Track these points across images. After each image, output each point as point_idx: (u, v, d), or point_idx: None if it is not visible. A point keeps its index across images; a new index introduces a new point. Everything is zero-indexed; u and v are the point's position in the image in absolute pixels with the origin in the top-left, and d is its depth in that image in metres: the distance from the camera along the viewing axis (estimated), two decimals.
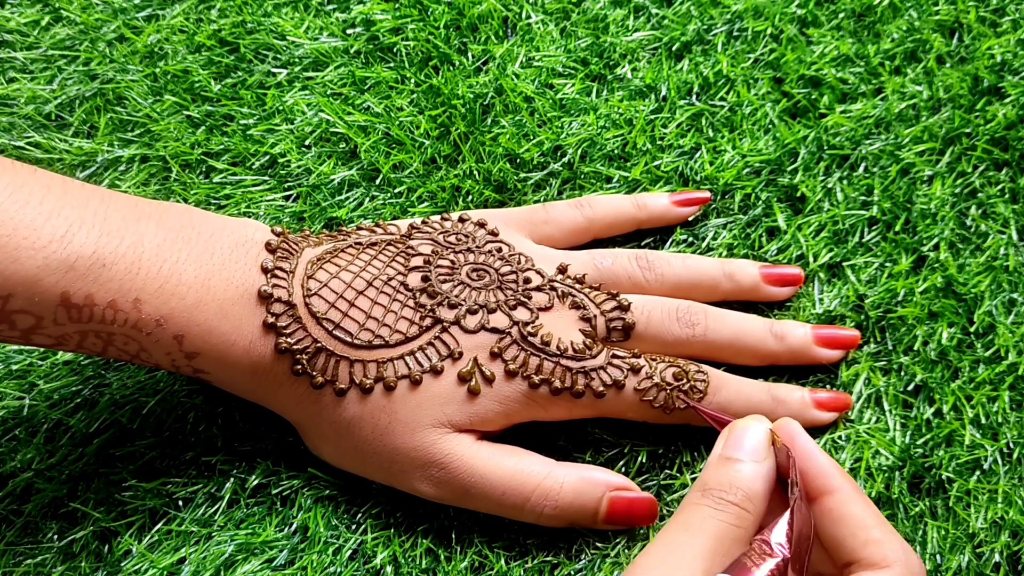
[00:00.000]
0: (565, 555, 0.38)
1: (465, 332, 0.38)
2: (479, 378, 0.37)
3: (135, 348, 0.35)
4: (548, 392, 0.38)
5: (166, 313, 0.35)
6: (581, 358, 0.38)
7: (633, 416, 0.39)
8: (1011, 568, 0.38)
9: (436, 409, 0.37)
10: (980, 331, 0.42)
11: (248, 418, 0.41)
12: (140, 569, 0.37)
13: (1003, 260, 0.44)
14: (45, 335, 0.34)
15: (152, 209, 0.36)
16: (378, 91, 0.47)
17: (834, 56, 0.48)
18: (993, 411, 0.41)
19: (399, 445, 0.37)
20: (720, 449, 0.33)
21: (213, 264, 0.36)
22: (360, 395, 0.37)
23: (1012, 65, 0.48)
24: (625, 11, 0.50)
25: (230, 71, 0.48)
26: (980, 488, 0.39)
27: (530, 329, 0.38)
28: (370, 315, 0.37)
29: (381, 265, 0.38)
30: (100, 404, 0.41)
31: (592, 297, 0.40)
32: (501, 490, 0.37)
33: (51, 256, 0.33)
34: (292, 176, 0.45)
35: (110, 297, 0.34)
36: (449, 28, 0.49)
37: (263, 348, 0.36)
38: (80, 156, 0.46)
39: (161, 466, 0.40)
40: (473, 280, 0.39)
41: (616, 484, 0.38)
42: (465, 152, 0.46)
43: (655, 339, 0.40)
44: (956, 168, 0.46)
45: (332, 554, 0.38)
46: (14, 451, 0.40)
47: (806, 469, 0.32)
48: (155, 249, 0.35)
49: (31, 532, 0.39)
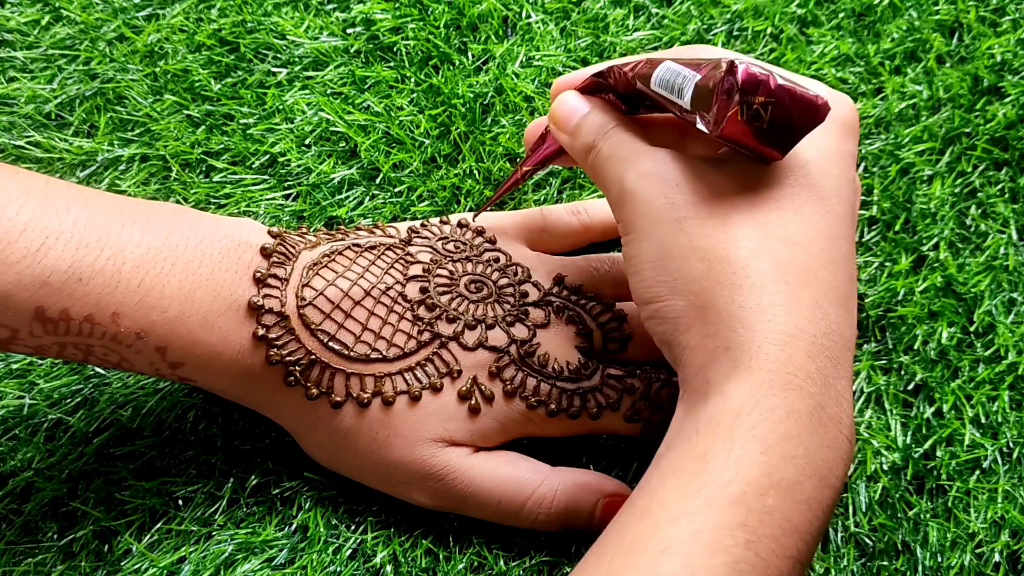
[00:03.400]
0: (564, 555, 0.38)
1: (464, 349, 0.38)
2: (479, 397, 0.37)
3: (116, 358, 0.35)
4: (544, 413, 0.38)
5: (146, 326, 0.34)
6: (577, 379, 0.38)
7: (628, 433, 0.40)
8: (1011, 568, 0.38)
9: (437, 425, 0.37)
10: (980, 331, 0.42)
11: (248, 418, 0.41)
12: (140, 568, 0.37)
13: (1003, 260, 0.44)
14: (23, 345, 0.34)
15: (139, 213, 0.35)
16: (378, 90, 0.47)
17: (834, 56, 0.48)
18: (993, 410, 0.41)
19: (397, 458, 0.37)
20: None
21: (200, 273, 0.35)
22: (357, 408, 0.37)
23: (1012, 65, 0.48)
24: (625, 11, 0.50)
25: (230, 70, 0.48)
26: (980, 488, 0.39)
27: (528, 349, 0.38)
28: (367, 327, 0.37)
29: (379, 272, 0.38)
30: (100, 403, 0.41)
31: (589, 310, 0.40)
32: (497, 499, 0.37)
33: (24, 272, 0.32)
34: (292, 175, 0.45)
35: (86, 312, 0.33)
36: (449, 27, 0.49)
37: (253, 359, 0.36)
38: (80, 155, 0.46)
39: (161, 465, 0.40)
40: (471, 293, 0.39)
41: (610, 490, 0.38)
42: (465, 151, 0.46)
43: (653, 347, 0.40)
44: (956, 168, 0.46)
45: (332, 553, 0.38)
46: (14, 450, 0.40)
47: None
48: (137, 260, 0.34)
49: (31, 531, 0.39)
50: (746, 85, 0.29)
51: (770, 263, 0.31)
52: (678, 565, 0.27)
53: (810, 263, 0.32)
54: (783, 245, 0.32)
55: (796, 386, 0.30)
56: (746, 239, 0.32)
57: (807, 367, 0.30)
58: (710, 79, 0.30)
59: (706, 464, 0.29)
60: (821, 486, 0.29)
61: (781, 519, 0.28)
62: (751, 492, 0.28)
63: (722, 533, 0.28)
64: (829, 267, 0.32)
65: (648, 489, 0.30)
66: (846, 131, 0.35)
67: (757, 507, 0.28)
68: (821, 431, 0.30)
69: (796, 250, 0.32)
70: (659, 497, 0.29)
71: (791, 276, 0.31)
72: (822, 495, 0.29)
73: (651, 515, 0.29)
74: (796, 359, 0.30)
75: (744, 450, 0.29)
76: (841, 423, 0.30)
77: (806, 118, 0.30)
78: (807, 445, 0.29)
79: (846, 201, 0.33)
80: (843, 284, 0.32)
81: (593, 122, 0.36)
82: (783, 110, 0.30)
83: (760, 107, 0.29)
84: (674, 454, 0.30)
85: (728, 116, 0.30)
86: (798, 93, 0.30)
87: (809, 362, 0.30)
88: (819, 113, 0.30)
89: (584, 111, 0.36)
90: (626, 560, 0.28)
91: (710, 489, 0.28)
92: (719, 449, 0.29)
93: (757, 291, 0.31)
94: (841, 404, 0.31)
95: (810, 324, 0.31)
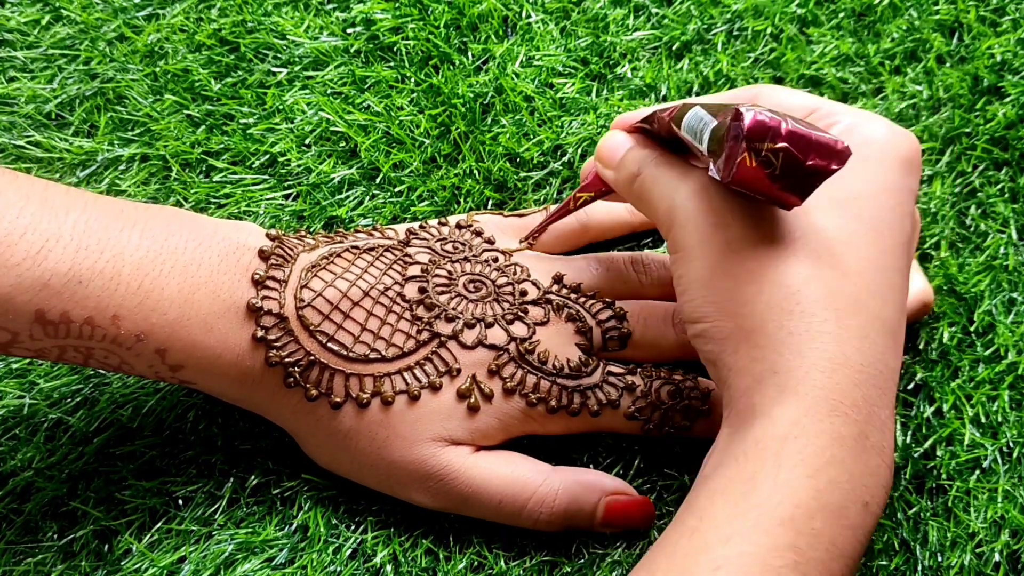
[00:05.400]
0: (564, 555, 0.38)
1: (463, 348, 0.38)
2: (478, 395, 0.37)
3: (116, 361, 0.35)
4: (545, 410, 0.38)
5: (146, 328, 0.34)
6: (577, 376, 0.38)
7: (629, 432, 0.40)
8: (1011, 567, 0.38)
9: (436, 424, 0.37)
10: (980, 330, 0.42)
11: (248, 418, 0.41)
12: (140, 568, 0.37)
13: (1003, 260, 0.44)
14: (23, 348, 0.34)
15: (139, 215, 0.35)
16: (378, 90, 0.47)
17: (834, 55, 0.48)
18: (993, 410, 0.41)
19: (397, 459, 0.37)
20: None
21: (199, 276, 0.35)
22: (357, 409, 0.37)
23: (1012, 65, 0.48)
24: (625, 10, 0.50)
25: (230, 70, 0.48)
26: (980, 487, 0.39)
27: (527, 346, 0.38)
28: (365, 327, 0.37)
29: (378, 273, 0.38)
30: (100, 403, 0.41)
31: (588, 307, 0.40)
32: (498, 499, 0.37)
33: (24, 274, 0.32)
34: (292, 175, 0.45)
35: (87, 314, 0.33)
36: (449, 27, 0.49)
37: (252, 360, 0.36)
38: (80, 155, 0.46)
39: (161, 465, 0.40)
40: (470, 292, 0.39)
41: (612, 489, 0.38)
42: (465, 151, 0.46)
43: (652, 345, 0.40)
44: (956, 168, 0.46)
45: (332, 553, 0.38)
46: (14, 450, 0.40)
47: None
48: (136, 262, 0.34)
49: (31, 531, 0.39)
50: (752, 132, 0.29)
51: (821, 291, 0.32)
52: None
53: (859, 293, 0.32)
54: (834, 274, 0.32)
55: (842, 413, 0.30)
56: (798, 264, 0.32)
57: (853, 395, 0.31)
58: (723, 126, 0.31)
59: (755, 486, 0.29)
60: (864, 512, 0.30)
61: (828, 543, 0.29)
62: (799, 515, 0.29)
63: (772, 555, 0.28)
64: (878, 298, 0.32)
65: (697, 508, 0.30)
66: (905, 167, 0.35)
67: (805, 530, 0.28)
68: (864, 458, 0.30)
69: (846, 281, 0.32)
70: (709, 516, 0.29)
71: (840, 305, 0.31)
72: (864, 521, 0.30)
73: (701, 535, 0.29)
74: (842, 387, 0.30)
75: (792, 473, 0.29)
76: (884, 451, 0.31)
77: (824, 163, 0.30)
78: (851, 471, 0.30)
79: (899, 234, 0.34)
80: (891, 315, 0.33)
81: (636, 154, 0.36)
82: (796, 156, 0.30)
83: (770, 153, 0.29)
84: (722, 475, 0.31)
85: (737, 163, 0.30)
86: (814, 139, 0.30)
87: (855, 390, 0.31)
88: (839, 157, 0.30)
89: (628, 146, 0.37)
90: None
91: (760, 511, 0.29)
92: (768, 472, 0.29)
93: (808, 318, 0.31)
94: (884, 433, 0.31)
95: (857, 353, 0.31)
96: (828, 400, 0.30)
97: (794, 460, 0.29)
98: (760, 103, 0.37)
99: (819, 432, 0.30)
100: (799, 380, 0.30)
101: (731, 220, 0.33)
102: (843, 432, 0.30)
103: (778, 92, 0.38)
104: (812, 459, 0.29)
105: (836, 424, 0.30)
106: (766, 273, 0.32)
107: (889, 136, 0.35)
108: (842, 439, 0.30)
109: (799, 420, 0.30)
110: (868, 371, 0.31)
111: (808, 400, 0.30)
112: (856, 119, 0.36)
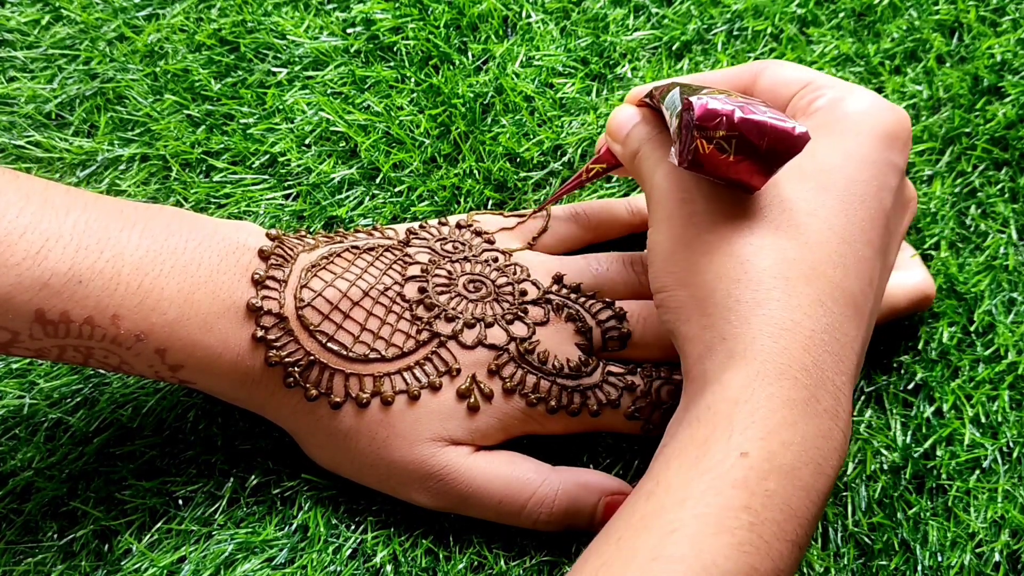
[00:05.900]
0: (564, 555, 0.38)
1: (463, 347, 0.38)
2: (478, 395, 0.37)
3: (116, 361, 0.35)
4: (544, 410, 0.38)
5: (146, 328, 0.34)
6: (577, 376, 0.38)
7: (629, 431, 0.40)
8: (1011, 567, 0.38)
9: (436, 424, 0.37)
10: (980, 330, 0.42)
11: (248, 418, 0.41)
12: (140, 568, 0.37)
13: (1003, 260, 0.44)
14: (23, 348, 0.34)
15: (139, 215, 0.35)
16: (378, 90, 0.47)
17: (834, 55, 0.48)
18: (993, 410, 0.41)
19: (396, 458, 0.37)
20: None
21: (199, 275, 0.35)
22: (356, 409, 0.37)
23: (1012, 65, 0.48)
24: (625, 10, 0.50)
25: (230, 70, 0.48)
26: (980, 487, 0.39)
27: (527, 346, 0.38)
28: (365, 327, 0.37)
29: (378, 273, 0.38)
30: (100, 403, 0.41)
31: (588, 308, 0.40)
32: (498, 499, 0.37)
33: (24, 274, 0.32)
34: (292, 175, 0.45)
35: (86, 314, 0.33)
36: (449, 27, 0.49)
37: (252, 360, 0.36)
38: (80, 155, 0.46)
39: (161, 465, 0.40)
40: (470, 292, 0.39)
41: (611, 488, 0.38)
42: (465, 151, 0.46)
43: (652, 345, 0.40)
44: (956, 168, 0.46)
45: (332, 553, 0.38)
46: (14, 450, 0.40)
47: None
48: (136, 262, 0.34)
49: (31, 531, 0.39)
50: (702, 120, 0.30)
51: (772, 259, 0.32)
52: (685, 547, 0.28)
53: (818, 263, 0.32)
54: (791, 244, 0.32)
55: (791, 376, 0.31)
56: (752, 236, 0.32)
57: (802, 359, 0.31)
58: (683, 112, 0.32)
59: (708, 450, 0.30)
60: (817, 473, 0.30)
61: (782, 503, 0.29)
62: (752, 476, 0.29)
63: (727, 515, 0.28)
64: (840, 268, 0.33)
65: (654, 473, 0.31)
66: (885, 140, 0.35)
67: (759, 491, 0.29)
68: (816, 421, 0.31)
69: (805, 249, 0.32)
70: (664, 481, 0.30)
71: (793, 273, 0.32)
72: (818, 482, 0.30)
73: (657, 498, 0.30)
74: (791, 351, 0.31)
75: (743, 436, 0.30)
76: (837, 416, 0.31)
77: (780, 149, 0.31)
78: (803, 433, 0.30)
79: (872, 207, 0.34)
80: (853, 286, 0.33)
81: (639, 131, 0.37)
82: (749, 142, 0.31)
83: (723, 140, 0.30)
84: (677, 441, 0.31)
85: (691, 149, 0.31)
86: (768, 125, 0.30)
87: (804, 355, 0.31)
88: (796, 143, 0.31)
89: (635, 121, 0.38)
90: (634, 540, 0.29)
91: (713, 474, 0.29)
92: (720, 435, 0.30)
93: (755, 285, 0.32)
94: (839, 398, 0.31)
95: (808, 319, 0.31)
96: (776, 364, 0.31)
97: (745, 423, 0.30)
98: (764, 77, 0.38)
99: (769, 395, 0.30)
100: (747, 345, 0.31)
101: (697, 195, 0.34)
102: (793, 396, 0.30)
103: (781, 67, 0.39)
104: (763, 422, 0.30)
105: (785, 387, 0.30)
106: (720, 245, 0.33)
107: (870, 109, 0.36)
108: (792, 402, 0.30)
109: (749, 384, 0.30)
110: (821, 337, 0.31)
111: (756, 364, 0.31)
112: (841, 92, 0.36)
